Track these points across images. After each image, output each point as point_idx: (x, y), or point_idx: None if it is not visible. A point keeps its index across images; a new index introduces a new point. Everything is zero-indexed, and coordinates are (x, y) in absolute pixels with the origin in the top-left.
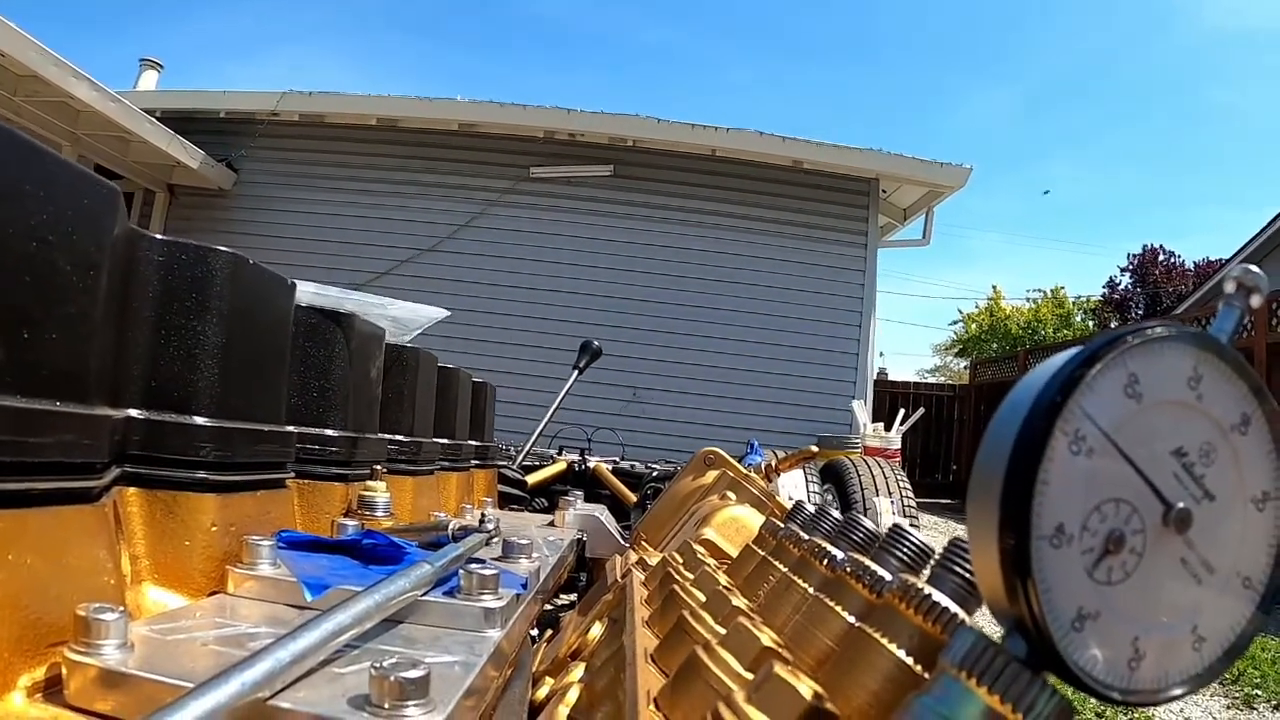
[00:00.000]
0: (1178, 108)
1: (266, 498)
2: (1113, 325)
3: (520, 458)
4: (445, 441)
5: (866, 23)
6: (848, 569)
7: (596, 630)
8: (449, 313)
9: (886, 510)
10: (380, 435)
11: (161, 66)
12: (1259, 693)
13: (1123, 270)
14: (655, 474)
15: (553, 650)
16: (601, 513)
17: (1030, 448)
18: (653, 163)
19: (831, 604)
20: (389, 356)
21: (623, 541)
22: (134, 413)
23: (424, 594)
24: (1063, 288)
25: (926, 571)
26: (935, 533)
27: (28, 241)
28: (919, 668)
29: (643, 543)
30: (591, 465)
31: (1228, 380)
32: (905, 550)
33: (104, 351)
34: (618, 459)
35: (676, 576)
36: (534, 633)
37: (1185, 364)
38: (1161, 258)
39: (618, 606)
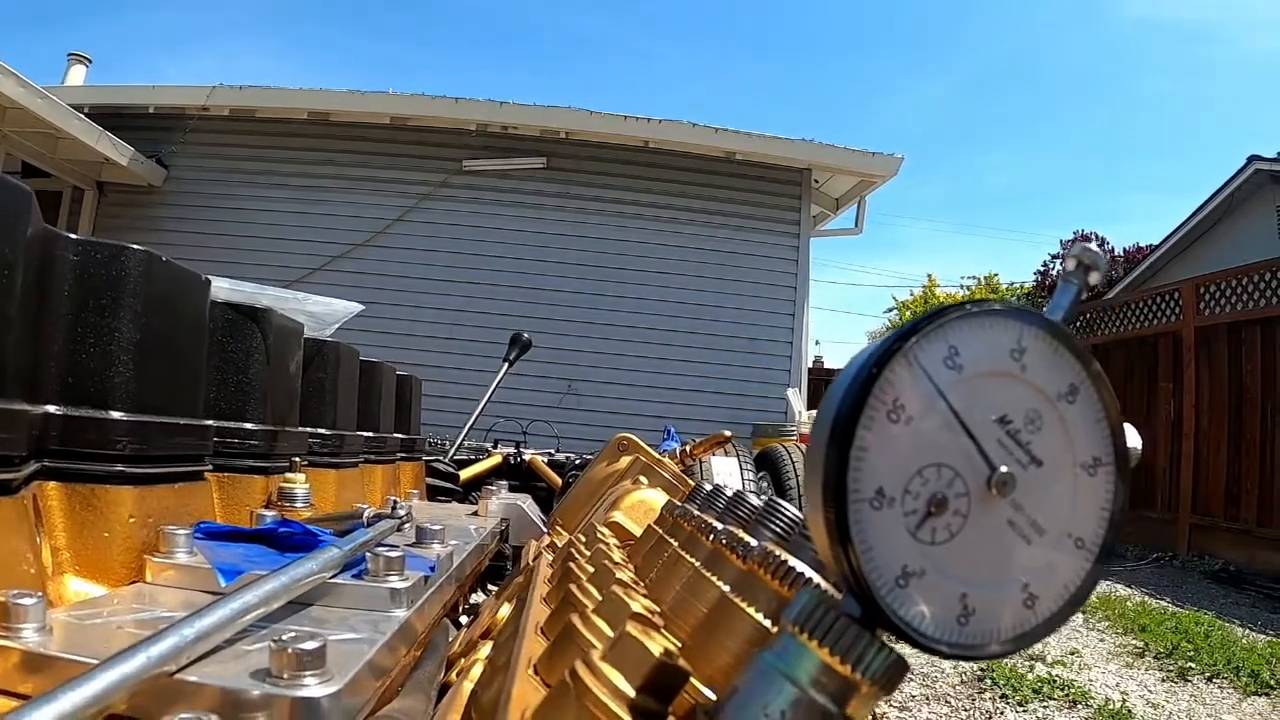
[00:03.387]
0: (1106, 96)
1: (185, 490)
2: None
3: (453, 451)
4: (369, 435)
5: (799, 14)
6: (724, 541)
7: (505, 610)
8: (364, 307)
9: None
10: (301, 429)
11: (90, 61)
12: (1193, 665)
13: (1054, 256)
14: (577, 462)
15: (470, 634)
16: (525, 501)
17: (847, 418)
18: (585, 154)
19: (709, 575)
20: (309, 351)
21: (544, 528)
22: (51, 408)
23: (332, 576)
24: (996, 275)
25: None
26: None
27: None
28: (776, 630)
29: (558, 527)
30: (526, 458)
31: (1054, 352)
32: (779, 523)
33: (20, 348)
34: (553, 451)
35: (575, 555)
36: (464, 620)
37: (1008, 337)
38: (1093, 244)
39: (526, 587)
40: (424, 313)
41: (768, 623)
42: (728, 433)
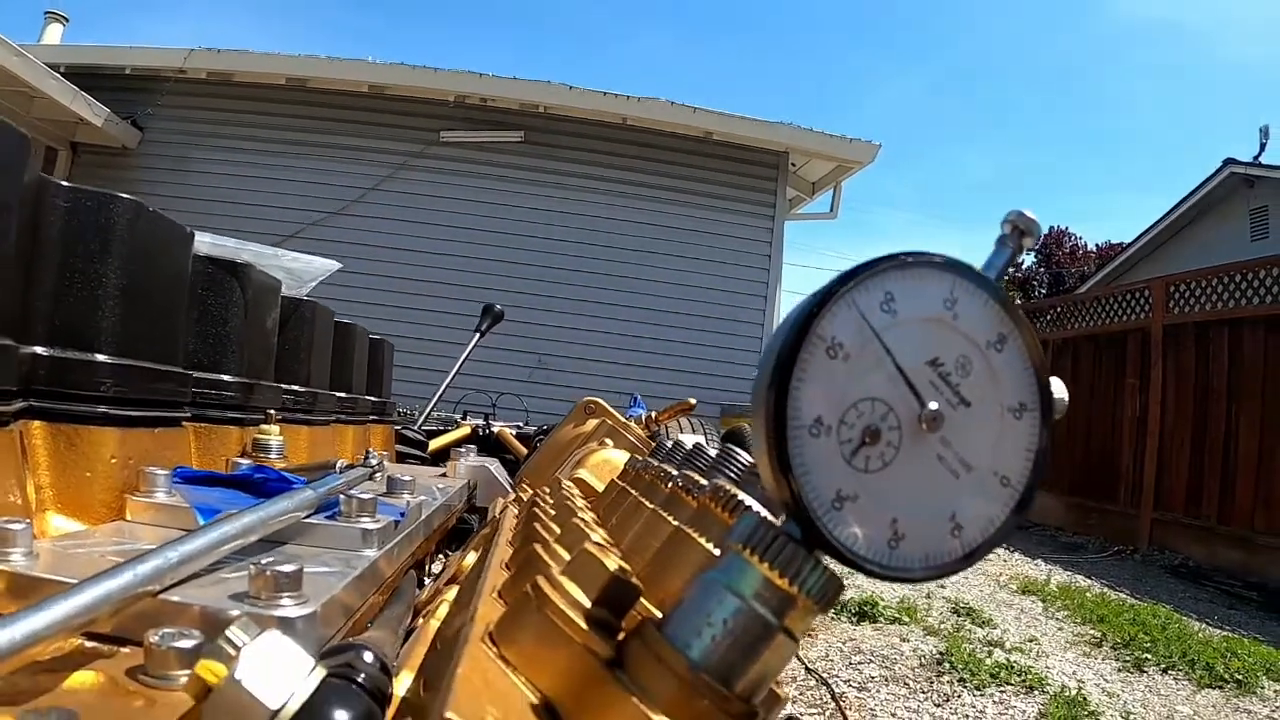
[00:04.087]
0: (1086, 94)
1: (164, 435)
2: (1016, 303)
3: (421, 419)
4: (342, 395)
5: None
6: (680, 484)
7: (471, 558)
8: (341, 265)
9: None
10: (276, 384)
11: (67, 19)
12: (1149, 656)
13: (1027, 250)
14: (544, 428)
15: (436, 585)
16: (493, 464)
17: (788, 352)
18: (564, 130)
19: (666, 515)
20: (286, 309)
21: (511, 490)
22: (39, 349)
23: (306, 516)
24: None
25: None
26: None
27: None
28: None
29: (524, 485)
30: (495, 430)
31: (984, 304)
32: (733, 466)
33: (11, 290)
34: (521, 424)
35: (540, 503)
36: (429, 581)
37: (941, 287)
38: (1066, 239)
39: (491, 537)
40: (397, 283)
41: (717, 551)
42: (692, 400)
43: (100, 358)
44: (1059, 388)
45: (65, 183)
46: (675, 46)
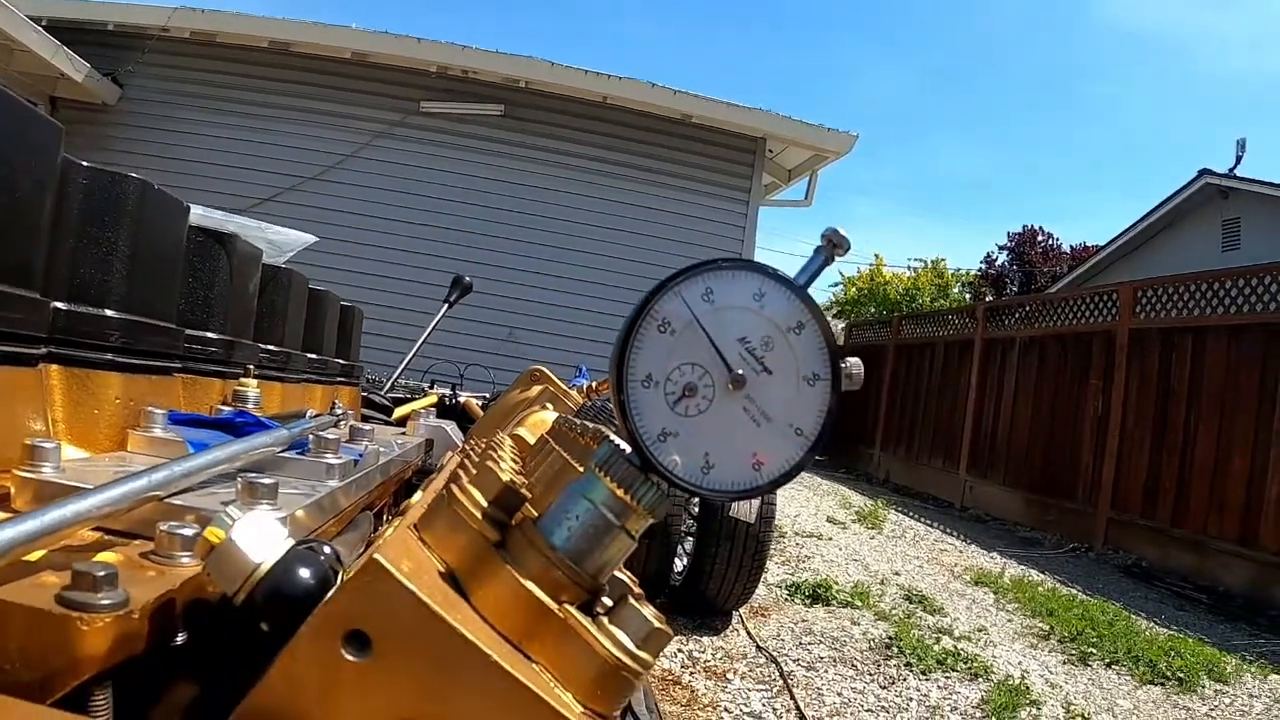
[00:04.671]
0: (1069, 96)
1: (159, 382)
2: (987, 299)
3: (388, 385)
4: (313, 356)
5: None
6: (579, 431)
7: (418, 497)
8: (317, 239)
9: None
10: (255, 343)
11: None
12: (1094, 651)
13: (1001, 248)
14: (498, 393)
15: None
16: (449, 425)
17: (628, 327)
18: (543, 105)
19: (563, 453)
20: (265, 275)
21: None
22: (59, 304)
23: (281, 451)
24: (943, 259)
25: None
26: (798, 486)
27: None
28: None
29: (471, 441)
30: (461, 400)
31: (788, 299)
32: None
33: (41, 254)
34: (488, 396)
35: (470, 451)
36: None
37: (752, 286)
38: (1040, 238)
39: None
40: (370, 250)
41: None
42: None
43: (109, 313)
44: (856, 365)
45: (85, 163)
46: (660, 30)
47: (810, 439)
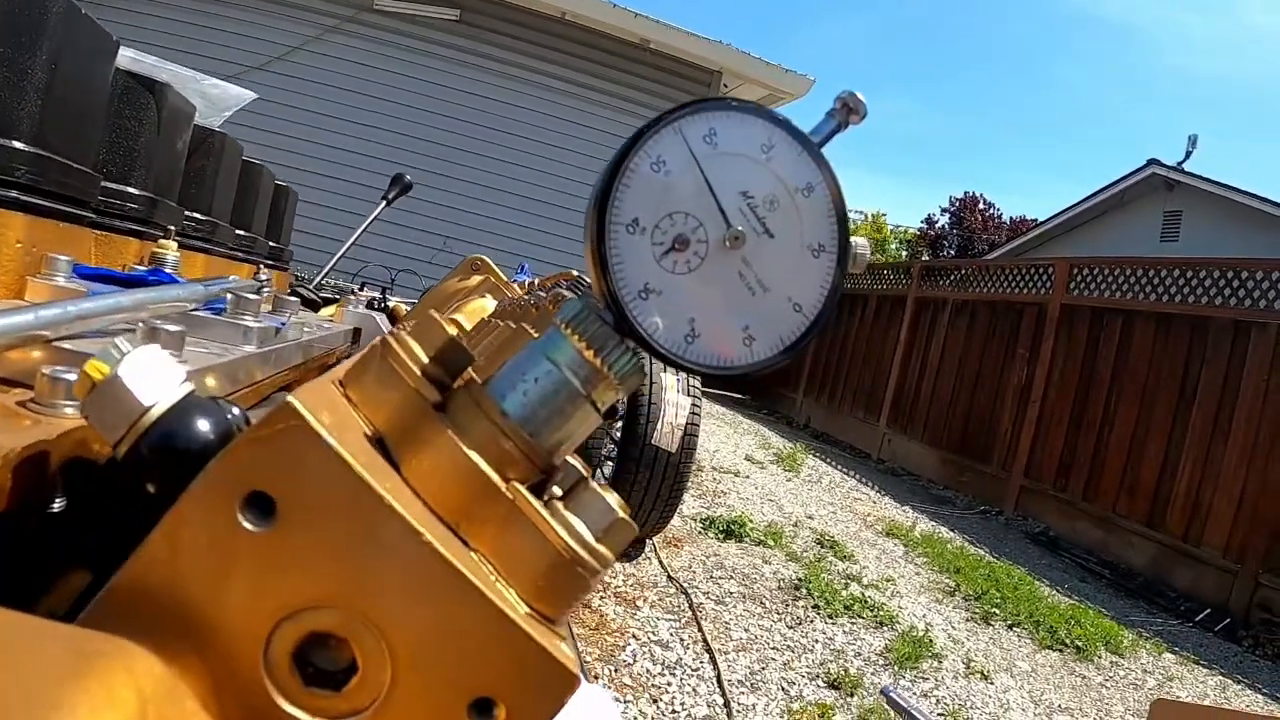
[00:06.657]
0: (1023, 72)
1: (67, 230)
2: (924, 258)
3: (317, 280)
4: (242, 233)
5: None
6: (533, 304)
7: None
8: (257, 95)
9: (672, 386)
10: (179, 206)
11: None
12: (997, 611)
13: (943, 210)
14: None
15: None
16: (380, 316)
17: (618, 159)
18: (501, 15)
19: (525, 326)
20: (196, 137)
21: None
22: None
23: (194, 309)
24: (884, 214)
25: None
26: (720, 422)
27: None
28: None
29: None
30: (391, 305)
31: (798, 155)
32: (582, 288)
33: None
34: (417, 302)
35: (405, 322)
36: None
37: (761, 134)
38: (981, 206)
39: None
40: (312, 147)
41: None
42: (575, 271)
43: (17, 144)
44: (862, 245)
45: None
46: None
47: (809, 317)
